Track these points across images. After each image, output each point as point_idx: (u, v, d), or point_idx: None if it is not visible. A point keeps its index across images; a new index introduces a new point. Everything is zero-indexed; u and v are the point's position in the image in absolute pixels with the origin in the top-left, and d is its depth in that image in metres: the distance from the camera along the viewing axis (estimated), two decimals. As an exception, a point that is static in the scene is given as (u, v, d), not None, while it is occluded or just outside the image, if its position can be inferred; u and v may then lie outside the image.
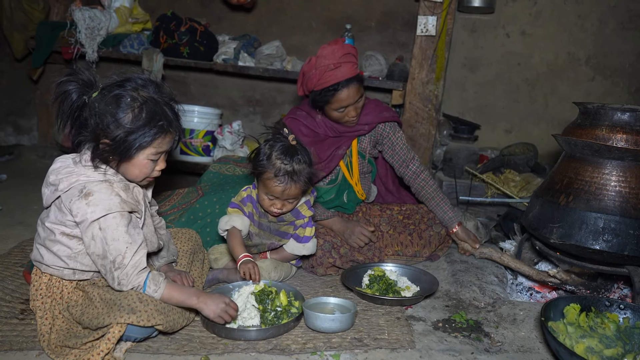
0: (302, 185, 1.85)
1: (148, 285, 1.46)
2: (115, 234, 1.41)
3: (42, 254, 1.50)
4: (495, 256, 2.24)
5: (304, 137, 2.24)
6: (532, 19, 3.70)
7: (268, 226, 2.01)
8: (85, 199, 1.40)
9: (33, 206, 2.83)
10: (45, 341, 1.44)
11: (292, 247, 2.02)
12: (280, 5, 3.91)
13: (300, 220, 2.00)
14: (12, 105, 4.24)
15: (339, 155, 2.30)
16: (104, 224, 1.41)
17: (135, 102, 1.44)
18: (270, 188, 1.83)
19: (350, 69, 2.12)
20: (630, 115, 1.87)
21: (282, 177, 1.80)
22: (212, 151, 3.66)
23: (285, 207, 1.90)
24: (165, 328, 1.46)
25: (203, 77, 4.09)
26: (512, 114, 3.86)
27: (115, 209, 1.42)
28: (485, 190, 3.26)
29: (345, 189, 2.40)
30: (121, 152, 1.45)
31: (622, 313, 1.66)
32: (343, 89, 2.12)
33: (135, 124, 1.44)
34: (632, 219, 1.80)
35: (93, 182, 1.44)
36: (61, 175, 1.45)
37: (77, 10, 3.50)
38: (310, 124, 2.28)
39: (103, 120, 1.43)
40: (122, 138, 1.43)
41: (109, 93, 1.44)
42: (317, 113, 2.29)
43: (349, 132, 2.30)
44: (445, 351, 1.59)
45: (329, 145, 2.28)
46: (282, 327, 1.61)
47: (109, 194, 1.43)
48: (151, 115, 1.45)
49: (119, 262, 1.42)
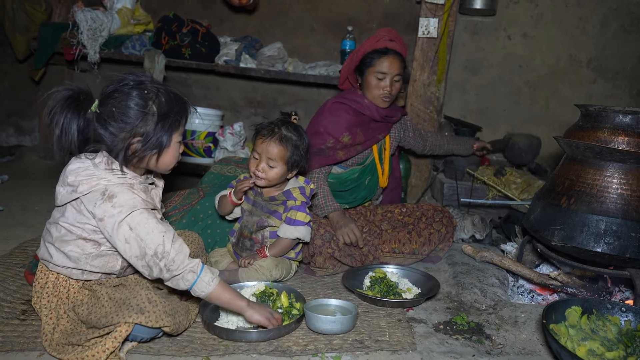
0: (285, 149, 1.97)
1: (204, 272, 1.45)
2: (147, 227, 1.41)
3: (52, 253, 1.50)
4: (496, 259, 2.24)
5: (350, 117, 2.42)
6: (533, 22, 3.70)
7: (261, 204, 2.08)
8: (110, 201, 1.41)
9: (34, 207, 2.84)
10: (48, 340, 1.44)
11: (284, 230, 2.02)
12: (282, 7, 3.92)
13: (291, 201, 2.03)
14: (13, 106, 4.25)
15: (377, 139, 2.51)
16: (132, 222, 1.41)
17: (150, 94, 1.46)
18: (256, 145, 2.00)
19: (400, 48, 2.39)
20: (632, 117, 1.86)
21: (265, 131, 1.99)
22: (214, 152, 3.66)
23: (267, 173, 1.97)
24: (171, 330, 1.46)
25: (205, 79, 4.10)
26: (514, 116, 3.86)
27: (140, 205, 1.43)
28: (486, 193, 3.26)
29: (369, 175, 2.53)
30: (158, 143, 1.46)
31: (623, 316, 1.66)
32: (389, 55, 2.35)
33: (161, 111, 1.46)
34: (634, 222, 1.79)
35: (114, 185, 1.44)
36: (81, 177, 1.44)
37: (79, 12, 3.50)
38: (356, 106, 2.43)
39: (129, 121, 1.43)
40: (155, 129, 1.45)
41: (120, 95, 1.43)
42: (363, 97, 2.45)
43: (388, 116, 2.49)
44: (447, 353, 1.59)
45: (372, 129, 2.47)
46: (283, 329, 1.61)
47: (131, 194, 1.44)
48: (169, 99, 1.48)
49: (160, 252, 1.41)
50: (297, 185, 2.07)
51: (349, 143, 2.40)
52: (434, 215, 2.44)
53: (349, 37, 3.48)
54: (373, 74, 2.37)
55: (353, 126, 2.40)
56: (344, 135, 2.38)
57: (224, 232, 2.26)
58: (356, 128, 2.41)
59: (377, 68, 2.35)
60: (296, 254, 2.14)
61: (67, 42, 3.57)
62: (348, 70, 2.49)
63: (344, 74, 2.53)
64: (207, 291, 1.46)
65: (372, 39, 2.39)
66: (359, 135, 2.41)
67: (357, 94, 2.49)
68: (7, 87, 4.20)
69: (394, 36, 2.38)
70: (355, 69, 2.45)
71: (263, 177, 1.99)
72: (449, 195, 3.28)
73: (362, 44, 2.42)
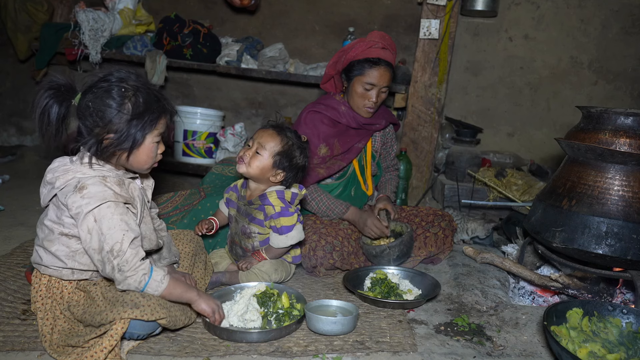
0: (280, 142, 1.92)
1: (155, 272, 1.45)
2: (111, 222, 1.41)
3: (41, 256, 1.51)
4: (496, 261, 2.24)
5: (325, 128, 2.33)
6: (534, 23, 3.70)
7: (243, 209, 2.03)
8: (80, 192, 1.41)
9: (35, 207, 2.84)
10: (47, 342, 1.44)
11: (275, 240, 1.97)
12: (283, 8, 3.92)
13: (269, 207, 1.93)
14: (15, 106, 4.25)
15: (358, 149, 2.41)
16: (98, 214, 1.41)
17: (128, 92, 1.46)
18: (255, 133, 1.99)
19: (392, 58, 2.29)
20: (633, 119, 1.86)
21: (271, 123, 2.01)
22: (215, 153, 3.66)
23: (251, 159, 1.91)
24: (168, 322, 1.46)
25: (206, 79, 4.10)
26: (515, 118, 3.86)
27: (109, 198, 1.43)
28: (487, 194, 3.26)
29: (353, 185, 2.47)
30: (130, 142, 1.46)
31: (625, 318, 1.66)
32: (381, 67, 2.25)
33: (136, 110, 1.46)
34: (635, 224, 1.79)
35: (87, 177, 1.45)
36: (57, 174, 1.47)
37: (81, 12, 3.51)
38: (332, 115, 2.35)
39: (103, 116, 1.43)
40: (127, 128, 1.45)
41: (99, 90, 1.44)
42: (340, 103, 2.37)
43: (368, 124, 2.40)
44: (448, 355, 1.59)
45: (350, 137, 2.38)
46: (283, 330, 1.61)
47: (102, 187, 1.44)
48: (147, 99, 1.48)
49: (117, 250, 1.40)
50: (274, 189, 1.97)
51: (328, 155, 2.31)
52: (434, 220, 2.42)
53: (350, 38, 3.49)
54: (361, 83, 2.27)
55: (329, 137, 2.31)
56: (321, 147, 2.30)
57: (225, 233, 2.27)
58: (333, 138, 2.31)
59: (367, 79, 2.25)
60: (293, 258, 2.12)
61: (68, 42, 3.58)
62: (334, 70, 2.38)
63: (328, 73, 2.41)
64: (159, 290, 1.47)
65: (363, 43, 2.27)
66: (336, 147, 2.32)
67: (334, 99, 2.40)
68: (8, 87, 4.21)
69: (387, 43, 2.27)
70: (342, 72, 2.35)
71: (246, 162, 1.92)
72: (450, 197, 3.28)
73: (352, 46, 2.29)
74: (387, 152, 2.63)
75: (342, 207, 2.32)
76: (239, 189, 2.10)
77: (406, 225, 2.32)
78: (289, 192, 1.96)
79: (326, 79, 2.46)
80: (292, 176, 1.98)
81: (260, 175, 1.94)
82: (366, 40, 2.28)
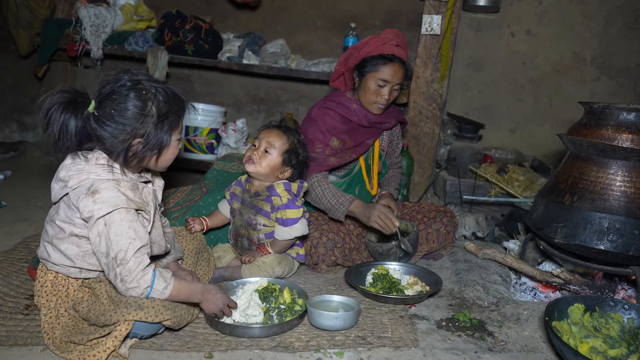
0: (287, 140, 2.01)
1: (157, 282, 1.43)
2: (119, 229, 1.40)
3: (49, 252, 1.50)
4: (498, 257, 2.24)
5: (337, 124, 2.33)
6: (537, 19, 3.68)
7: (248, 201, 2.06)
8: (92, 196, 1.40)
9: (37, 202, 2.85)
10: (50, 338, 1.45)
11: (280, 232, 2.00)
12: (284, 3, 3.91)
13: (276, 198, 1.98)
14: (16, 102, 4.26)
15: (368, 145, 2.41)
16: (109, 220, 1.40)
17: (148, 94, 1.44)
18: (258, 134, 2.06)
19: (405, 56, 2.30)
20: (636, 115, 1.86)
21: (273, 124, 2.09)
22: (216, 149, 3.66)
23: (261, 159, 1.98)
24: (172, 323, 1.46)
25: (207, 75, 4.10)
26: (517, 114, 3.85)
27: (121, 205, 1.41)
28: (489, 190, 3.25)
29: (358, 184, 2.46)
30: (159, 144, 1.46)
31: (626, 313, 1.66)
32: (395, 64, 2.25)
33: (160, 111, 1.45)
34: (637, 219, 1.79)
35: (101, 180, 1.43)
36: (71, 172, 1.45)
37: (83, 8, 3.51)
38: (344, 112, 2.35)
39: (129, 122, 1.42)
40: (155, 131, 1.44)
41: (119, 96, 1.42)
42: (352, 101, 2.37)
43: (379, 122, 2.41)
44: (449, 350, 1.59)
45: (361, 134, 2.39)
46: (285, 325, 1.62)
47: (115, 192, 1.42)
48: (167, 98, 1.48)
49: (120, 258, 1.38)
50: (281, 181, 2.03)
51: (340, 147, 2.31)
52: (436, 216, 2.42)
53: (351, 34, 3.48)
54: (375, 79, 2.26)
55: (341, 133, 2.31)
56: (333, 139, 2.30)
57: (227, 228, 2.27)
58: (344, 135, 2.32)
59: (380, 75, 2.25)
60: (297, 255, 2.14)
61: (70, 38, 3.57)
62: (345, 66, 2.36)
63: (339, 70, 2.40)
64: (163, 297, 1.45)
65: (377, 39, 2.26)
66: (348, 142, 2.33)
67: (344, 96, 2.39)
68: (10, 83, 4.21)
69: (400, 41, 2.27)
70: (355, 68, 2.34)
71: (256, 162, 1.98)
72: (451, 193, 3.28)
73: (365, 42, 2.29)
74: (392, 150, 2.64)
75: (348, 197, 2.23)
76: (243, 184, 2.15)
77: (412, 223, 2.31)
78: (295, 184, 2.05)
79: (336, 76, 2.44)
80: (297, 173, 2.07)
81: (270, 173, 2.01)
82: (380, 37, 2.28)
